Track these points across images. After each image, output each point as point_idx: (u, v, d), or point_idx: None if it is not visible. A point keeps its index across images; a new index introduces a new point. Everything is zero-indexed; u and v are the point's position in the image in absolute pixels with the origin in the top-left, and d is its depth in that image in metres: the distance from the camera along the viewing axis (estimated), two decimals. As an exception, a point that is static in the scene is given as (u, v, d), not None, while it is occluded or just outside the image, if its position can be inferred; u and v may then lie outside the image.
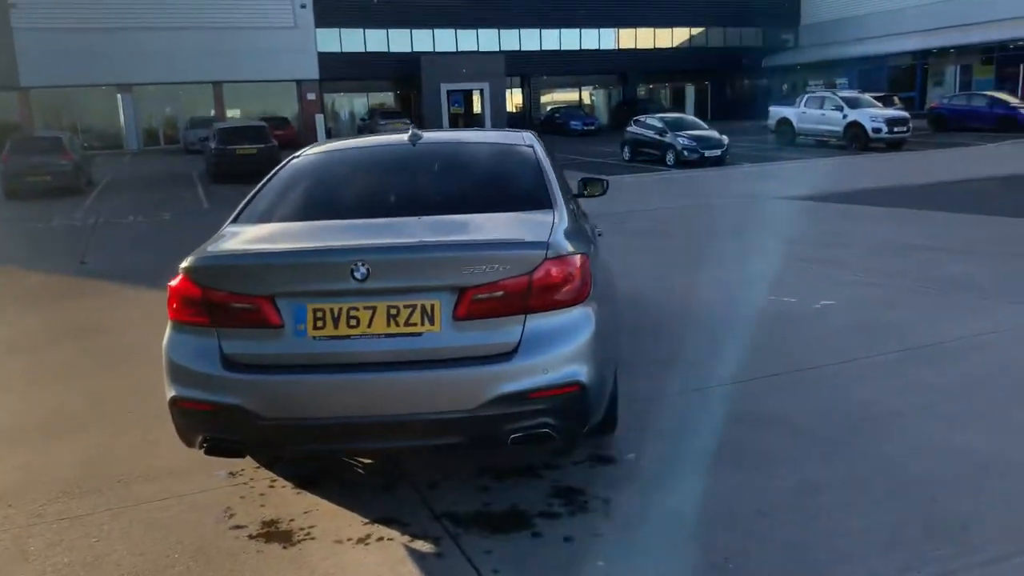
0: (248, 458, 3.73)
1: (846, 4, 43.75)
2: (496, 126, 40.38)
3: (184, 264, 3.09)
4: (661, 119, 24.08)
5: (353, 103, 43.04)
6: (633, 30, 45.07)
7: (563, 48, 43.46)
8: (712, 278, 7.31)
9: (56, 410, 4.76)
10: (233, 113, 36.91)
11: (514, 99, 43.94)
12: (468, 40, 41.91)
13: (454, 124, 40.09)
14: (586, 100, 47.49)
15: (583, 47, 43.95)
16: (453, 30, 41.51)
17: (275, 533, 3.18)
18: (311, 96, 38.39)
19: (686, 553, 2.87)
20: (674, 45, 46.61)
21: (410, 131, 4.14)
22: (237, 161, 20.41)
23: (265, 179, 3.96)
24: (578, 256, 3.12)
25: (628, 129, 25.46)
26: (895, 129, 23.92)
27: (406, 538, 3.08)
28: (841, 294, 6.47)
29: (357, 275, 2.91)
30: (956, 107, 29.26)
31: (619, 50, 44.95)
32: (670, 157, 22.64)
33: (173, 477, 3.74)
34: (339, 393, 2.95)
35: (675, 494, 3.31)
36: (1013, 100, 29.27)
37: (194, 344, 3.08)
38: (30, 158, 18.38)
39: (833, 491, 3.27)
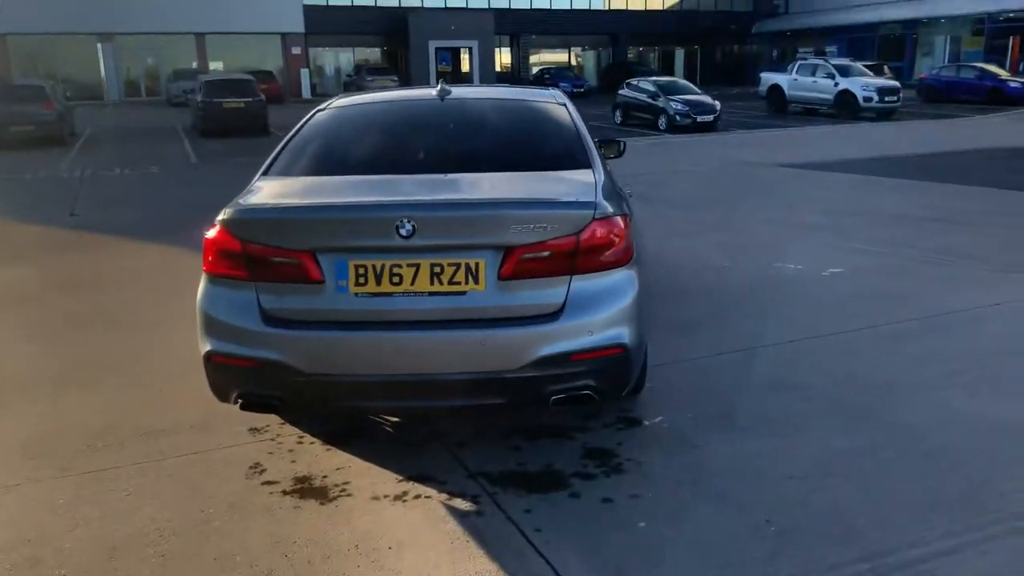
0: (272, 415, 3.72)
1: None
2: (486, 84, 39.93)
3: (222, 216, 3.03)
4: (654, 83, 23.89)
5: (339, 58, 42.33)
6: (623, -10, 44.57)
7: (553, 8, 42.88)
8: (717, 243, 7.31)
9: (69, 363, 4.69)
10: (216, 66, 36.16)
11: (502, 59, 43.40)
12: (457, -4, 41.23)
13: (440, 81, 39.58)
14: (575, 62, 47.00)
15: (573, 7, 43.40)
16: (442, -14, 40.84)
17: (309, 489, 3.16)
18: (296, 50, 37.71)
19: (724, 515, 2.89)
20: (665, 7, 46.15)
21: (439, 86, 4.06)
22: (225, 115, 20.07)
23: (293, 131, 3.87)
24: (622, 217, 3.08)
25: (620, 92, 25.23)
26: (886, 99, 23.94)
27: (443, 496, 3.07)
28: (848, 262, 6.50)
29: (402, 231, 2.86)
30: (945, 78, 29.25)
31: (609, 11, 44.46)
32: (662, 121, 22.52)
33: (196, 431, 3.70)
34: (381, 351, 2.92)
35: (706, 457, 3.33)
36: (1003, 72, 29.32)
37: (231, 298, 3.03)
38: (12, 107, 17.93)
39: (863, 456, 3.30)
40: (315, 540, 2.81)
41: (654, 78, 24.82)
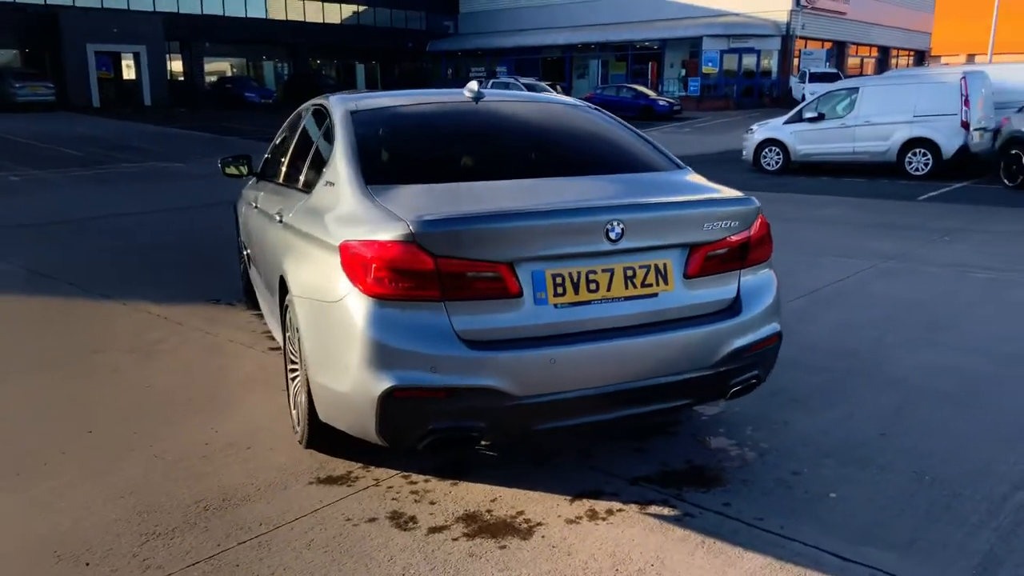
0: (311, 456, 3.26)
1: (498, -4, 47.04)
2: (157, 93, 36.43)
3: (408, 230, 2.60)
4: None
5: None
6: (300, 2, 43.59)
7: (227, 15, 40.48)
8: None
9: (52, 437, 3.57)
10: None
11: (173, 66, 39.89)
12: (116, -3, 36.95)
13: (103, 89, 35.31)
14: (252, 73, 44.85)
15: (249, 15, 41.37)
16: (97, -16, 36.33)
17: (489, 526, 2.85)
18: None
19: (880, 475, 3.21)
20: (342, 22, 46.07)
21: (473, 89, 3.83)
22: None
23: (347, 135, 3.39)
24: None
25: None
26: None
27: (635, 506, 2.98)
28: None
29: (612, 235, 2.75)
30: (608, 97, 33.28)
31: (287, 22, 43.16)
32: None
33: (273, 495, 3.10)
34: (591, 363, 2.76)
35: (807, 425, 3.63)
36: (652, 93, 34.34)
37: (417, 321, 2.63)
38: None
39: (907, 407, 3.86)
40: (568, 575, 2.57)
41: (366, 92, 24.75)
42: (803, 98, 31.30)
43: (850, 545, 2.70)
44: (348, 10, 46.45)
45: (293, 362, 3.60)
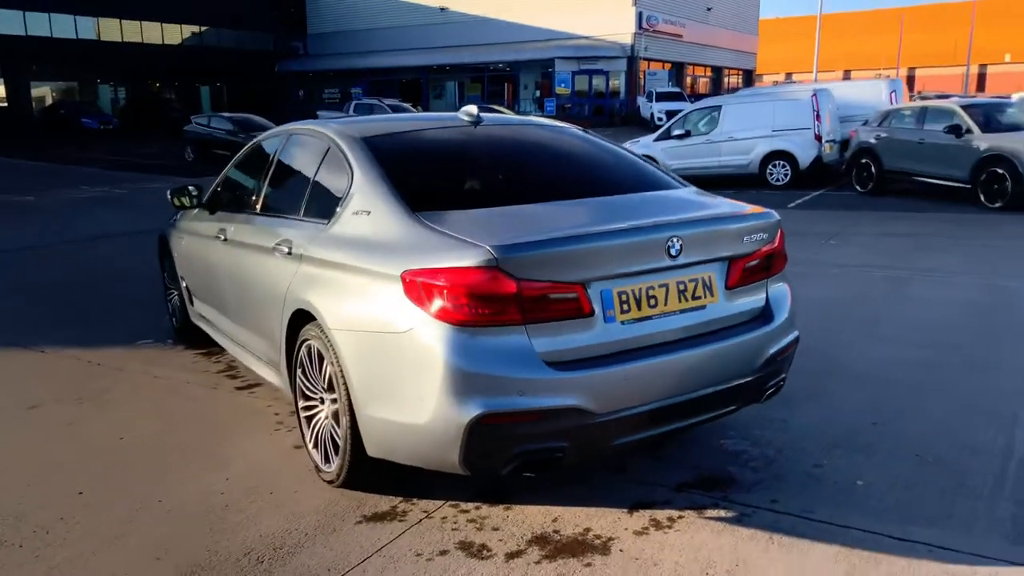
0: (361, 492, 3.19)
1: (347, 18, 46.50)
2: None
3: (491, 255, 2.59)
4: (229, 119, 23.16)
5: None
6: (138, 23, 41.25)
7: (55, 36, 37.62)
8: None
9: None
10: None
11: (-6, 91, 36.59)
12: (-78, 15, 33.51)
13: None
14: (89, 96, 41.87)
15: (80, 36, 38.65)
16: None
17: (565, 546, 2.86)
18: None
19: (891, 459, 3.49)
20: (183, 43, 44.01)
21: (472, 113, 3.83)
22: None
23: (370, 163, 3.31)
24: (776, 226, 3.44)
25: (188, 128, 23.96)
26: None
27: (691, 512, 3.08)
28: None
29: (672, 251, 2.86)
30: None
31: (124, 43, 40.69)
32: (248, 159, 21.87)
33: (326, 537, 2.97)
34: (659, 376, 2.85)
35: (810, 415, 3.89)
36: (511, 113, 35.05)
37: (501, 346, 2.63)
38: None
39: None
40: (662, 584, 2.63)
41: (228, 114, 23.82)
42: (652, 116, 33.13)
43: (898, 526, 2.93)
44: (189, 31, 44.47)
45: (310, 398, 3.46)
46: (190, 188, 4.92)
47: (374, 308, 2.89)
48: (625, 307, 2.82)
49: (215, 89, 46.72)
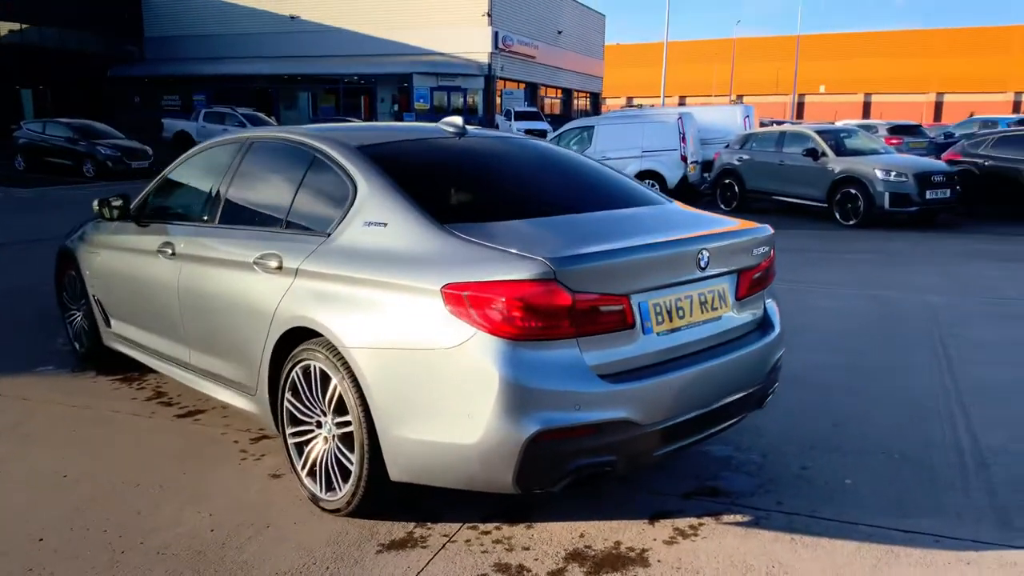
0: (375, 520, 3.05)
1: (189, 22, 44.20)
2: None
3: (547, 267, 2.53)
4: (68, 125, 21.40)
5: None
6: (-57, 16, 37.15)
7: None
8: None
9: None
10: None
11: None
12: None
13: None
14: None
15: None
16: None
17: (603, 560, 2.83)
18: None
19: (880, 459, 3.73)
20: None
21: (455, 124, 3.74)
22: None
23: (376, 173, 3.15)
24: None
25: (19, 135, 21.96)
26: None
27: (709, 519, 3.14)
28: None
29: (702, 263, 2.93)
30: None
31: (-73, 38, 36.49)
32: (89, 167, 20.40)
33: (350, 570, 2.79)
34: (694, 385, 2.90)
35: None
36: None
37: (555, 361, 2.58)
38: None
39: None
40: (713, 591, 2.67)
41: (65, 120, 21.93)
42: (511, 134, 33.81)
43: (898, 520, 3.13)
44: (6, 27, 40.57)
45: (302, 422, 3.24)
46: (117, 198, 4.49)
47: (405, 324, 2.76)
48: (659, 318, 2.86)
49: (38, 92, 42.82)
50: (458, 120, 3.76)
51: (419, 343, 2.72)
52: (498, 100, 40.81)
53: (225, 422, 4.18)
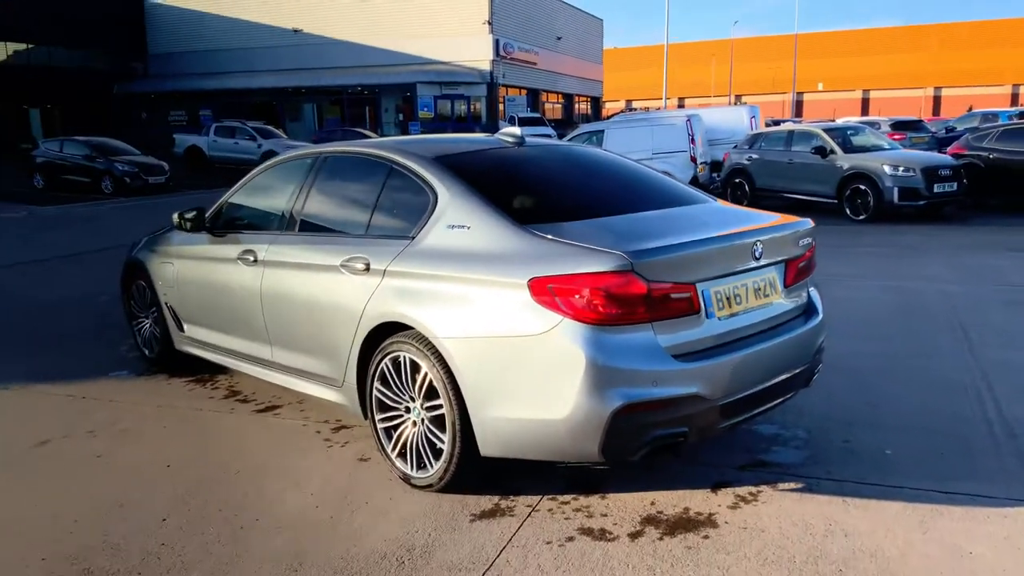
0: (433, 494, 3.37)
1: (193, 38, 44.70)
2: None
3: (626, 260, 2.86)
4: (85, 143, 21.82)
5: None
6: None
7: None
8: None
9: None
10: None
11: None
12: None
13: None
14: None
15: None
16: None
17: (677, 524, 3.14)
18: None
19: (912, 434, 4.04)
20: (8, 60, 40.57)
21: (514, 135, 4.08)
22: None
23: (456, 181, 3.49)
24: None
25: (37, 153, 22.35)
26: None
27: (766, 487, 3.45)
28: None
29: (756, 254, 3.26)
30: (332, 140, 33.33)
31: (-62, 60, 36.96)
32: (107, 184, 20.75)
33: (450, 537, 3.10)
34: (754, 364, 3.22)
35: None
36: (375, 135, 34.98)
37: (633, 342, 2.92)
38: None
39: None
40: (778, 544, 2.98)
41: (82, 138, 22.34)
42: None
43: (938, 483, 3.45)
44: (13, 48, 41.04)
45: (391, 408, 3.56)
46: (192, 211, 4.82)
47: (493, 314, 3.08)
48: (720, 304, 3.18)
49: (46, 111, 43.30)
50: (517, 131, 4.10)
51: (508, 331, 3.04)
52: (501, 107, 41.20)
53: (304, 415, 4.50)
